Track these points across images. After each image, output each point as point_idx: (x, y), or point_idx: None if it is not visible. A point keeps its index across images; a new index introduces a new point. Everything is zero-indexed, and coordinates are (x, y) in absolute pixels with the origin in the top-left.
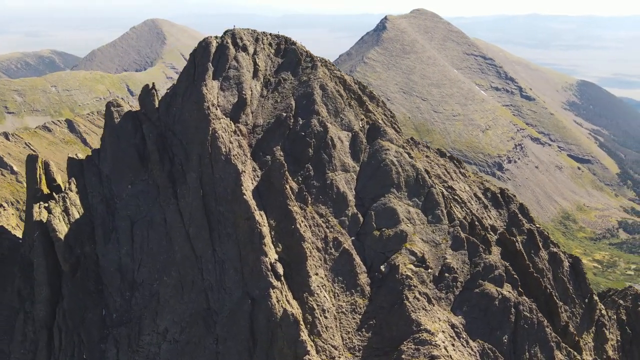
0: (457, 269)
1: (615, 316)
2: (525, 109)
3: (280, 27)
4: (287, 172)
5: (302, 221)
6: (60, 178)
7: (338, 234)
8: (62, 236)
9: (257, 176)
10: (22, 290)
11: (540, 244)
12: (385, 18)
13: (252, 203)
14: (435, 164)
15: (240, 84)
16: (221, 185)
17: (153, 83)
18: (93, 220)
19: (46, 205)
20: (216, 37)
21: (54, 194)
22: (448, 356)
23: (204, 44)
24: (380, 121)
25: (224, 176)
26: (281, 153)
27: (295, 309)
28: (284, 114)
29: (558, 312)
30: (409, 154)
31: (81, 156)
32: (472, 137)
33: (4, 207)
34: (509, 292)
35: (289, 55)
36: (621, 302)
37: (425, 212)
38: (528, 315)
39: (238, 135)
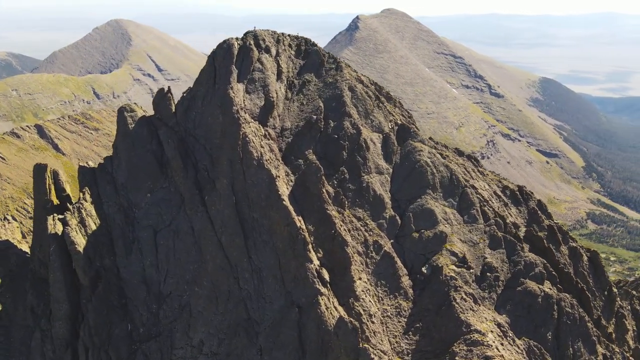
0: (497, 267)
1: (629, 307)
2: (494, 106)
3: (244, 27)
4: (323, 176)
5: (340, 225)
6: (69, 188)
7: (377, 237)
8: (80, 249)
9: (291, 181)
10: (35, 308)
11: (560, 240)
12: (357, 18)
13: (292, 209)
14: (455, 163)
15: (266, 86)
16: (254, 191)
17: (169, 87)
18: (111, 231)
19: (60, 217)
20: (236, 38)
21: (68, 204)
22: (500, 356)
23: (226, 46)
24: (398, 122)
25: (256, 182)
26: (314, 156)
27: (343, 315)
28: (314, 117)
29: (590, 306)
30: (441, 154)
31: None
32: (446, 135)
33: (8, 219)
34: (550, 288)
35: (311, 56)
36: (634, 292)
37: (461, 212)
38: (570, 310)
39: (268, 139)
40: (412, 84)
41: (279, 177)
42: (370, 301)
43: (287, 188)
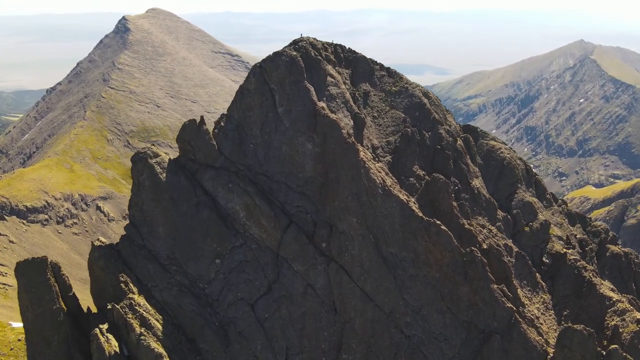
0: (587, 241)
1: None
2: None
3: None
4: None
5: (477, 237)
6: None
7: (504, 240)
8: None
9: (414, 202)
10: None
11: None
12: (124, 19)
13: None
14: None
15: (347, 102)
16: (386, 223)
17: (202, 117)
18: (181, 322)
19: (104, 327)
20: (289, 48)
21: (108, 306)
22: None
23: (286, 59)
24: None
25: (387, 212)
26: (423, 172)
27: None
28: (409, 130)
29: None
30: (510, 148)
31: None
32: None
33: None
34: (620, 247)
35: (359, 64)
36: None
37: (539, 198)
38: (637, 261)
39: (378, 162)
40: (202, 86)
41: (409, 200)
42: (530, 304)
43: (418, 211)
